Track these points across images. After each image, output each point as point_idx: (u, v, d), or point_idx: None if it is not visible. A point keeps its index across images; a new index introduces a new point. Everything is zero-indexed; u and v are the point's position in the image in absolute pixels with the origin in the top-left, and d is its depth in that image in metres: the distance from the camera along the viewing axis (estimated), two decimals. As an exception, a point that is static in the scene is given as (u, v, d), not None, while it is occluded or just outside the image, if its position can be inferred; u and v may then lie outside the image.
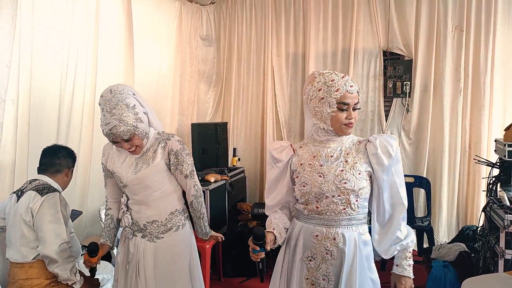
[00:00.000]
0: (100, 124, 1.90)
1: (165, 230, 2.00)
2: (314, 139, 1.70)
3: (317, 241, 1.64)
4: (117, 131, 1.84)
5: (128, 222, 2.02)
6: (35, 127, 2.84)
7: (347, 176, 1.58)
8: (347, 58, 4.45)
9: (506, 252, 2.72)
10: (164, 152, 1.98)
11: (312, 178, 1.63)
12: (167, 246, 2.00)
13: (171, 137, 2.02)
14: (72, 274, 2.15)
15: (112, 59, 3.48)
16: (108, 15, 3.42)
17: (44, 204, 2.15)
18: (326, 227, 1.63)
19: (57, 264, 2.11)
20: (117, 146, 1.96)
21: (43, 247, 2.12)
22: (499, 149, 3.27)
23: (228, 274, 3.72)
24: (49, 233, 2.12)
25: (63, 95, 3.04)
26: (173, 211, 2.04)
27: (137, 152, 1.97)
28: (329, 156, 1.64)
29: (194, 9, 4.77)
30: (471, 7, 4.01)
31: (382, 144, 1.60)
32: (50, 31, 2.93)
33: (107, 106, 1.86)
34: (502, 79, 4.00)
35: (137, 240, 2.01)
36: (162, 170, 1.99)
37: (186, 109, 4.73)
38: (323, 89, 1.59)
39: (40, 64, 2.86)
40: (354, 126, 1.65)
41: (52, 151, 2.40)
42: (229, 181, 4.09)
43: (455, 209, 4.20)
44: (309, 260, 1.65)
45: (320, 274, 1.63)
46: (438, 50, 4.14)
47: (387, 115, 4.40)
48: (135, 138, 1.91)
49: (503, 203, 2.84)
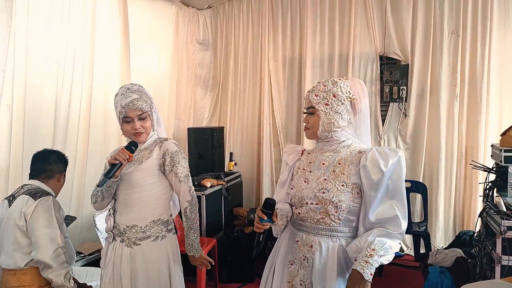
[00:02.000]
0: (116, 104, 1.94)
1: (143, 237, 1.93)
2: (316, 146, 1.74)
3: (297, 246, 1.65)
4: (137, 102, 1.90)
5: (110, 225, 1.97)
6: (31, 132, 2.82)
7: (328, 186, 1.55)
8: (344, 63, 4.45)
9: (503, 258, 2.72)
10: (160, 152, 1.96)
11: (298, 183, 1.67)
12: (143, 254, 1.93)
13: (168, 139, 2.02)
14: (66, 280, 2.12)
15: (108, 64, 3.47)
16: (105, 20, 3.42)
17: (38, 208, 2.13)
18: (306, 234, 1.63)
19: (51, 269, 2.09)
20: (126, 126, 1.93)
21: (37, 252, 2.09)
22: (496, 154, 3.27)
23: (224, 280, 3.70)
24: (43, 238, 2.10)
25: (60, 100, 3.02)
26: (155, 220, 1.96)
27: (142, 138, 1.95)
28: (322, 164, 1.64)
29: (191, 13, 4.76)
30: (467, 12, 4.03)
31: (375, 157, 1.49)
32: (46, 36, 2.92)
33: (128, 91, 1.94)
34: (498, 84, 4.01)
35: (116, 245, 1.96)
36: (152, 171, 1.95)
37: (183, 113, 4.72)
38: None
39: (35, 68, 2.85)
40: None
41: (42, 156, 2.37)
42: (226, 186, 4.08)
43: (451, 214, 4.20)
44: (290, 263, 1.67)
45: (298, 279, 1.63)
46: (435, 55, 4.15)
47: (383, 119, 4.40)
48: (148, 120, 1.95)
49: (499, 208, 2.84)
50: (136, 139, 1.95)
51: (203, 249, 3.21)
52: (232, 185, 4.33)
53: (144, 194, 1.94)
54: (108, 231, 1.99)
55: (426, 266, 3.41)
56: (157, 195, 1.98)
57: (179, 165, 1.97)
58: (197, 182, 3.86)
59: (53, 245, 2.10)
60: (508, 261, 2.69)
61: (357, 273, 1.42)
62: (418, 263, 3.87)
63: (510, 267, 2.67)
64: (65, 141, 3.06)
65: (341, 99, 1.59)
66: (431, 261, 3.41)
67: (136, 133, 1.93)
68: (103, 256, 2.03)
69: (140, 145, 1.98)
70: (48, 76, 2.95)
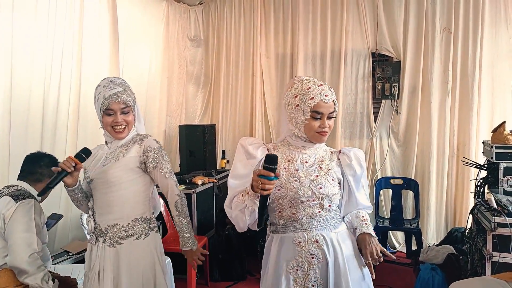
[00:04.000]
0: (98, 95, 1.89)
1: (125, 236, 1.89)
2: (289, 143, 1.69)
3: (301, 248, 1.61)
4: (122, 95, 1.88)
5: (91, 226, 1.93)
6: (18, 130, 2.76)
7: (322, 181, 1.61)
8: (336, 60, 4.44)
9: (493, 254, 2.72)
10: (140, 149, 1.91)
11: (288, 182, 1.61)
12: (126, 254, 1.89)
13: (148, 136, 1.98)
14: (44, 282, 2.06)
15: (97, 60, 3.40)
16: (93, 15, 3.35)
17: (18, 211, 2.08)
18: (306, 232, 1.61)
19: (26, 274, 2.03)
20: (107, 119, 1.88)
21: (12, 257, 2.04)
22: (487, 151, 3.28)
23: (215, 278, 3.67)
24: (19, 242, 2.04)
25: (47, 98, 2.96)
26: (138, 217, 1.93)
27: (123, 134, 1.91)
28: (304, 162, 1.64)
29: (182, 9, 4.72)
30: (459, 9, 4.03)
31: (356, 156, 1.70)
32: (32, 32, 2.85)
33: (111, 83, 1.91)
34: (489, 81, 4.02)
35: (99, 246, 1.92)
36: (131, 168, 1.91)
37: (175, 110, 4.68)
38: (299, 96, 1.60)
39: (21, 65, 2.78)
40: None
41: (34, 158, 2.33)
42: (217, 184, 4.05)
43: (443, 211, 4.21)
44: (295, 270, 1.61)
45: (310, 281, 1.60)
46: (426, 52, 4.15)
47: (376, 116, 4.40)
48: (130, 114, 1.92)
49: (490, 205, 2.84)
50: (115, 134, 1.90)
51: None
52: (224, 182, 4.30)
53: (124, 192, 1.90)
54: (90, 232, 1.95)
55: (417, 263, 3.42)
56: (137, 192, 1.94)
57: (163, 161, 1.94)
58: (188, 180, 3.83)
59: (28, 250, 2.04)
60: (499, 258, 2.70)
61: (364, 235, 1.65)
62: (409, 260, 3.88)
63: (500, 263, 2.68)
64: (54, 139, 3.00)
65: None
66: (423, 258, 3.41)
67: (117, 126, 1.88)
68: (87, 259, 1.98)
69: (117, 142, 1.94)
70: (35, 73, 2.88)
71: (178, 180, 2.12)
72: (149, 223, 1.98)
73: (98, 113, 1.91)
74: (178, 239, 3.15)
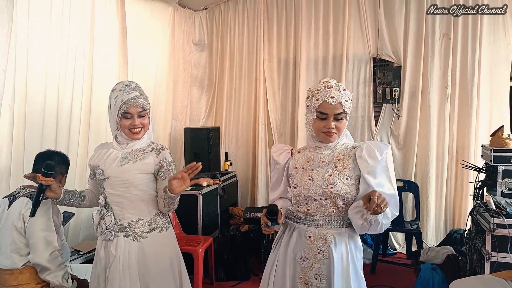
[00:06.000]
0: (115, 99, 1.96)
1: (150, 230, 2.00)
2: (310, 144, 1.81)
3: (310, 242, 1.71)
4: (139, 100, 1.97)
5: (110, 221, 1.97)
6: (33, 132, 2.85)
7: (334, 181, 1.67)
8: (338, 65, 4.52)
9: (492, 254, 2.80)
10: (157, 159, 2.02)
11: (302, 181, 1.73)
12: (152, 247, 1.99)
13: (164, 148, 2.09)
14: (64, 280, 2.15)
15: (107, 64, 3.50)
16: (103, 20, 3.45)
17: (37, 212, 2.14)
18: (317, 228, 1.71)
19: (48, 271, 2.12)
20: (124, 122, 1.96)
21: (34, 255, 2.12)
22: (486, 154, 3.36)
23: (220, 278, 3.74)
24: (40, 241, 2.13)
25: (62, 101, 3.05)
26: (158, 212, 2.05)
27: (139, 135, 2.01)
28: (321, 161, 1.74)
29: (187, 14, 4.81)
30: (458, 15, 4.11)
31: (371, 148, 1.67)
32: (47, 36, 2.94)
33: (127, 87, 1.99)
34: (488, 86, 4.10)
35: (119, 241, 1.97)
36: (147, 173, 2.01)
37: (180, 113, 4.76)
38: (310, 97, 1.74)
39: (37, 69, 2.88)
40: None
41: (45, 157, 2.37)
42: (222, 186, 4.13)
43: (443, 213, 4.28)
44: (302, 260, 1.72)
45: (313, 274, 1.69)
46: (426, 57, 4.23)
47: (376, 120, 4.48)
48: (146, 118, 2.01)
49: (489, 207, 2.92)
50: (132, 135, 2.00)
51: (200, 247, 3.29)
52: (228, 184, 4.38)
53: (142, 192, 2.00)
54: (105, 230, 1.99)
55: (418, 263, 3.50)
56: (151, 194, 2.05)
57: (172, 173, 2.07)
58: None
59: (50, 248, 2.13)
60: (497, 258, 2.78)
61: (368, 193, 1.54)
62: (410, 260, 3.95)
63: (499, 263, 2.76)
64: (68, 141, 3.09)
65: (351, 103, 1.74)
66: (423, 259, 3.49)
67: (134, 129, 1.98)
68: (103, 256, 2.00)
69: (132, 145, 2.03)
70: (49, 77, 2.97)
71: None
72: (167, 217, 2.12)
73: (114, 115, 1.98)
74: (183, 239, 3.27)
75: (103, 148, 2.09)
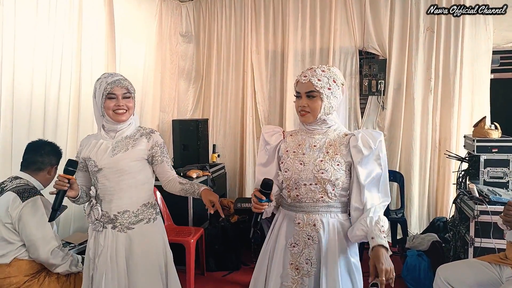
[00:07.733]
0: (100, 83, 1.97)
1: (136, 221, 2.00)
2: (302, 128, 1.82)
3: (299, 228, 1.73)
4: (124, 82, 1.99)
5: (97, 214, 1.99)
6: (20, 124, 2.81)
7: (325, 166, 1.67)
8: (324, 57, 4.57)
9: (476, 240, 2.92)
10: (148, 144, 2.03)
11: (294, 165, 1.72)
12: (139, 238, 2.00)
13: (154, 131, 2.10)
14: (73, 267, 2.20)
15: (94, 56, 3.46)
16: (91, 11, 3.40)
17: (26, 212, 2.13)
18: (306, 214, 1.73)
19: (55, 266, 2.18)
20: (109, 103, 1.95)
21: (35, 255, 2.14)
22: (468, 144, 3.48)
23: (211, 268, 3.78)
24: (38, 241, 2.13)
25: (49, 92, 3.01)
26: (145, 203, 2.05)
27: (124, 117, 1.99)
28: (313, 146, 1.73)
29: (174, 5, 4.78)
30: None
31: (365, 137, 1.66)
32: (33, 28, 2.89)
33: (111, 74, 2.02)
34: (470, 79, 4.22)
35: (107, 232, 1.99)
36: (140, 159, 2.02)
37: (167, 105, 4.75)
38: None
39: (23, 61, 2.82)
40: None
41: (35, 147, 2.35)
42: (211, 177, 4.15)
43: (426, 202, 4.40)
44: (292, 246, 1.74)
45: (304, 259, 1.72)
46: (411, 50, 4.32)
47: (362, 112, 4.57)
48: (131, 101, 2.01)
49: (472, 194, 3.04)
50: (117, 117, 1.97)
51: (192, 238, 3.31)
52: (217, 176, 4.40)
53: (134, 180, 2.00)
54: (95, 221, 2.00)
55: (404, 250, 3.61)
56: (144, 180, 2.06)
57: (167, 155, 2.12)
58: (183, 173, 3.91)
59: (49, 246, 2.15)
60: (480, 243, 2.90)
61: (380, 248, 1.56)
62: (395, 248, 4.06)
63: (482, 248, 2.88)
64: (55, 132, 3.05)
65: (338, 85, 1.71)
66: (409, 245, 3.61)
67: (119, 109, 1.96)
68: (92, 246, 2.02)
69: (121, 132, 2.02)
70: (37, 69, 2.93)
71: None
72: (155, 207, 2.12)
73: (99, 100, 1.97)
74: (174, 230, 3.23)
75: (91, 140, 2.06)
